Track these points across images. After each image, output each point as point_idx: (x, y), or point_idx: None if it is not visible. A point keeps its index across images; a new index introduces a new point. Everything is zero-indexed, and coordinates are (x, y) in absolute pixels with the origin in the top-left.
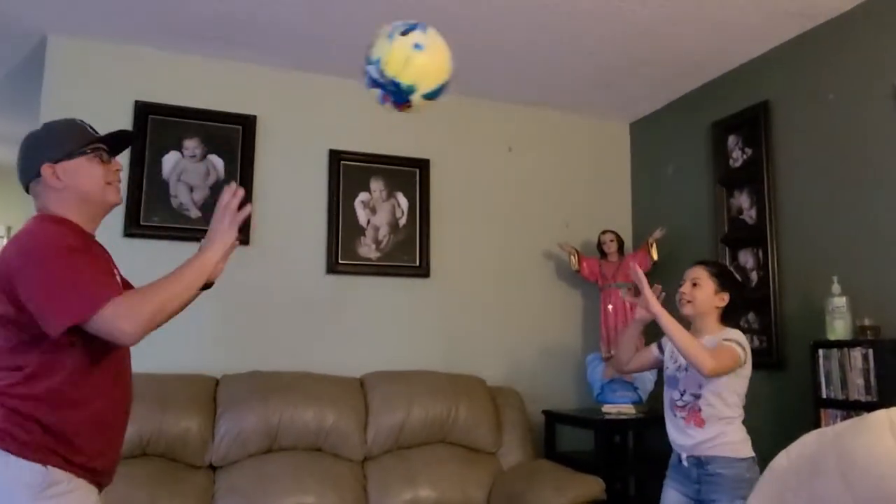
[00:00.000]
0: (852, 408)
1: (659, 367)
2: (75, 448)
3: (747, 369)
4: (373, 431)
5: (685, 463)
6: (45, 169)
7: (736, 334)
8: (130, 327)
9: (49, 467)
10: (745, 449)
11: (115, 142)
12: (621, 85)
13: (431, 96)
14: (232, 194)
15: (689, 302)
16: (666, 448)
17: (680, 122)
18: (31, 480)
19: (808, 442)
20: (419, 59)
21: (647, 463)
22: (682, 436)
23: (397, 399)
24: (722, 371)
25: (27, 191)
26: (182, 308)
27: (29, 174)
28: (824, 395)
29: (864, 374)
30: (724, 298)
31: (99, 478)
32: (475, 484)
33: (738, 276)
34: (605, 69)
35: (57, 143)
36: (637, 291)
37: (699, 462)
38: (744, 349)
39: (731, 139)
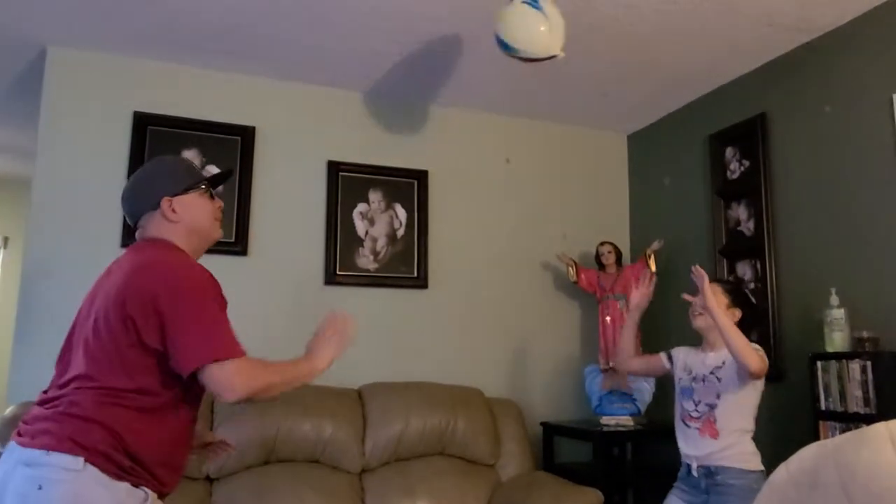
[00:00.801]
0: (851, 420)
1: (662, 375)
2: (156, 475)
3: (762, 383)
4: (371, 443)
5: (695, 473)
6: (165, 202)
7: (756, 346)
8: (241, 388)
9: (142, 488)
10: (755, 461)
11: (214, 181)
12: (619, 97)
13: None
14: (344, 320)
15: (701, 315)
16: (664, 460)
17: (677, 134)
18: (127, 501)
19: (807, 455)
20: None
21: (646, 475)
22: (694, 447)
23: (395, 410)
24: (763, 372)
25: (135, 222)
26: (276, 396)
27: (145, 205)
28: (823, 408)
29: (862, 386)
30: (736, 315)
31: (166, 490)
32: (473, 496)
33: (751, 297)
34: (603, 81)
35: (176, 178)
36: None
37: (709, 472)
38: (763, 357)
39: (729, 151)
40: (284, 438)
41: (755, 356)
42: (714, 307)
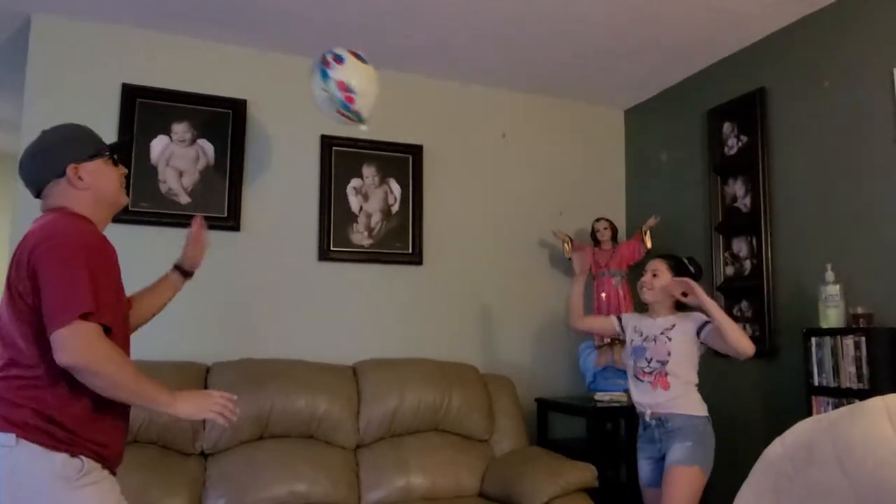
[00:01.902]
0: (844, 395)
1: (611, 336)
2: (87, 438)
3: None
4: (365, 419)
5: (648, 420)
6: (71, 169)
7: (701, 316)
8: (74, 351)
9: (82, 458)
10: (702, 408)
11: (116, 147)
12: (616, 71)
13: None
14: (229, 399)
15: (649, 290)
16: None
17: (675, 110)
18: (64, 472)
19: (802, 430)
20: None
21: None
22: (646, 396)
23: (390, 387)
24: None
25: (38, 191)
26: (104, 388)
27: (49, 173)
28: (816, 383)
29: (856, 361)
30: None
31: (112, 466)
32: (468, 471)
33: (691, 268)
34: (601, 55)
35: (81, 144)
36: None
37: (661, 421)
38: None
39: (727, 126)
40: (278, 414)
41: (749, 344)
42: (708, 302)
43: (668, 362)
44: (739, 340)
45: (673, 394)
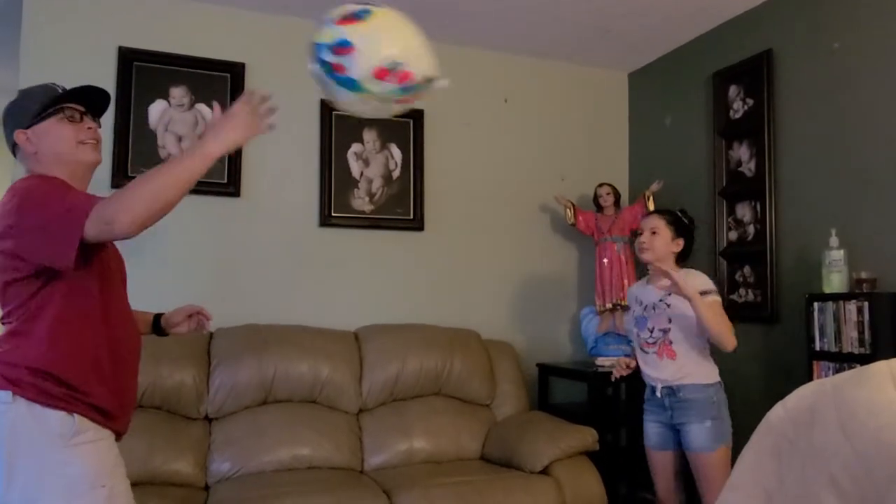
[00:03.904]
0: (845, 360)
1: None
2: (85, 395)
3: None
4: (368, 384)
5: (659, 394)
6: (19, 136)
7: (702, 280)
8: (125, 217)
9: (75, 416)
10: (713, 375)
11: (90, 101)
12: (620, 33)
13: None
14: (263, 99)
15: (648, 249)
16: None
17: (680, 73)
18: (59, 429)
19: (805, 394)
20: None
21: (639, 415)
22: (655, 369)
23: (392, 352)
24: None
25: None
26: (180, 195)
27: (10, 144)
28: (818, 348)
29: (858, 326)
30: (680, 244)
31: (115, 424)
32: (469, 434)
33: (688, 221)
34: (604, 17)
35: (26, 108)
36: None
37: (672, 391)
38: (716, 291)
39: (732, 90)
40: (281, 379)
41: (731, 340)
42: (689, 293)
43: (670, 330)
44: (720, 335)
45: (680, 362)
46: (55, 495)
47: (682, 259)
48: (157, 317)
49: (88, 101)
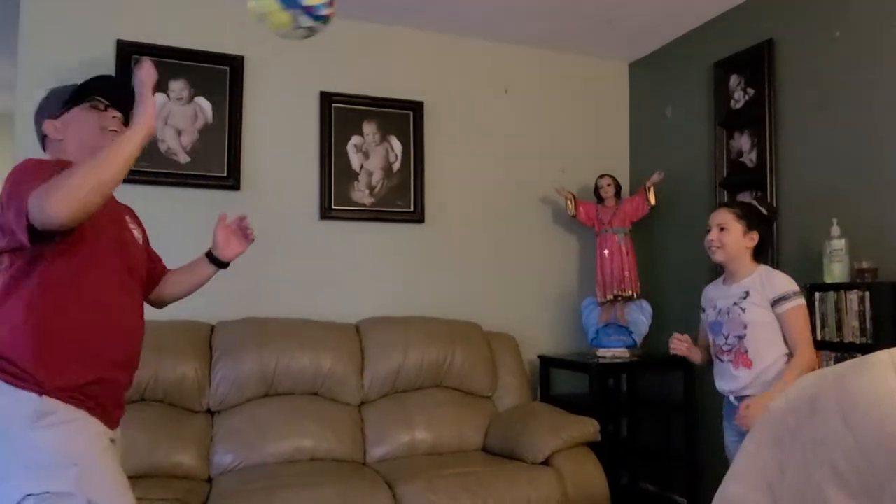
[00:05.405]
0: (847, 350)
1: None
2: (48, 378)
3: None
4: (369, 376)
5: (734, 402)
6: (48, 125)
7: (781, 281)
8: (53, 206)
9: (44, 396)
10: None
11: (116, 96)
12: (621, 23)
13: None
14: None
15: (719, 248)
16: (658, 391)
17: (680, 62)
18: (27, 410)
19: (807, 383)
20: None
21: (640, 406)
22: (727, 381)
23: (393, 344)
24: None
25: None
26: (113, 181)
27: (40, 137)
28: (819, 338)
29: (859, 316)
30: (754, 238)
31: (102, 412)
32: (471, 426)
33: (763, 210)
34: (605, 7)
35: (56, 100)
36: None
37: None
38: (799, 292)
39: (734, 79)
40: (283, 372)
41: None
42: (758, 411)
43: (746, 336)
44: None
45: (757, 370)
46: (22, 475)
47: (760, 254)
48: (209, 255)
49: (114, 97)
